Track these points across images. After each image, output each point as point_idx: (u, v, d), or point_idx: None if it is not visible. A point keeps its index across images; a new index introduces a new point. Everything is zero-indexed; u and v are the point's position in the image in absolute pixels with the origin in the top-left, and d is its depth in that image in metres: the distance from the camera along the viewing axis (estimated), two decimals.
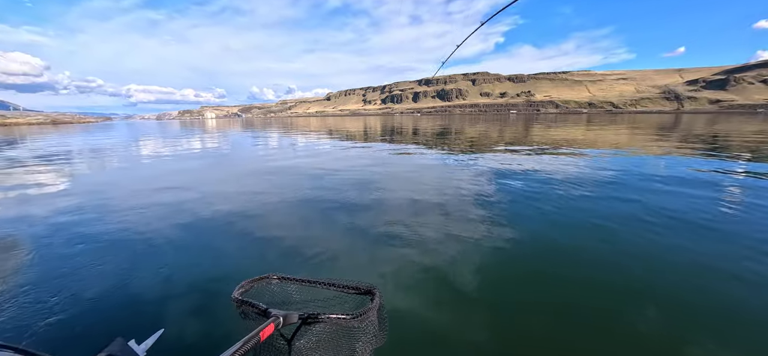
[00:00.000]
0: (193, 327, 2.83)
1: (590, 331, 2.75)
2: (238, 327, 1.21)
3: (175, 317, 2.97)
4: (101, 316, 3.05)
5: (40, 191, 8.16)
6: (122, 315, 3.06)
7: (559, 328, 2.79)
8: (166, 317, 2.97)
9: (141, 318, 3.00)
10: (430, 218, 5.42)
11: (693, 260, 3.85)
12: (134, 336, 1.14)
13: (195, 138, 27.24)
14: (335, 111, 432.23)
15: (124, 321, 2.97)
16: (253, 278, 1.38)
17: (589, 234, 4.68)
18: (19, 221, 5.77)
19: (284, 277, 1.39)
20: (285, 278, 1.39)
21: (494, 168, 9.91)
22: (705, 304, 3.06)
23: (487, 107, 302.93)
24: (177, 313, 3.03)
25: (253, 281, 1.37)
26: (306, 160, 12.62)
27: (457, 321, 2.87)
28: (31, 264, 4.09)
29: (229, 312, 2.79)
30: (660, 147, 14.65)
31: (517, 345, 2.62)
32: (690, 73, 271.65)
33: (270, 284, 1.39)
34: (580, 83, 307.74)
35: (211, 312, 3.05)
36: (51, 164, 12.89)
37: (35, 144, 23.82)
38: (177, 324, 2.87)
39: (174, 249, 4.42)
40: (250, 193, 7.46)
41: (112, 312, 3.10)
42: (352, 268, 3.86)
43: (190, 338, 2.69)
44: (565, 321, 2.88)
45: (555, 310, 3.02)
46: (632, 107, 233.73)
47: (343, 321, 1.13)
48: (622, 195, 6.58)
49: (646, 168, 9.56)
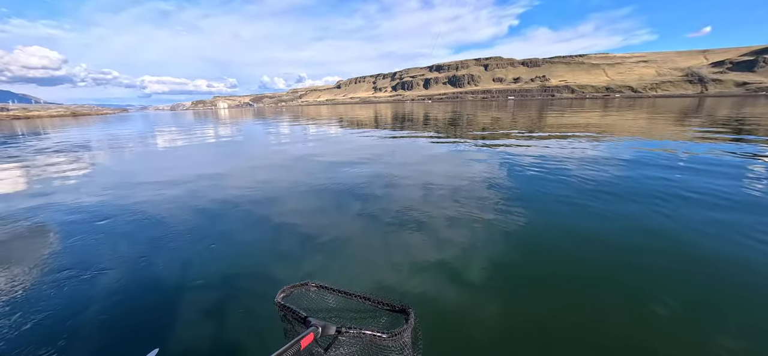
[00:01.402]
0: (209, 327, 2.83)
1: (604, 315, 2.79)
2: (269, 326, 1.25)
3: (192, 317, 2.98)
4: (125, 316, 3.20)
5: (71, 181, 8.54)
6: (138, 313, 3.24)
7: (574, 311, 2.83)
8: (183, 317, 3.05)
9: (151, 314, 3.13)
10: (443, 205, 5.47)
11: (712, 247, 3.81)
12: None
13: (212, 128, 27.73)
14: (345, 99, 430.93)
15: (136, 320, 3.15)
16: (293, 284, 1.45)
17: (603, 222, 4.65)
18: (44, 209, 6.09)
19: (322, 286, 1.45)
20: (323, 287, 1.45)
21: (505, 155, 9.82)
22: (726, 292, 3.05)
23: (499, 93, 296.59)
24: (193, 312, 3.09)
25: (293, 287, 1.44)
26: (317, 149, 12.76)
27: (471, 303, 2.95)
28: (63, 248, 4.35)
29: (247, 308, 2.96)
30: (680, 133, 14.18)
31: (531, 327, 2.68)
32: (715, 55, 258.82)
33: (308, 291, 1.46)
34: (597, 67, 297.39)
35: (229, 307, 3.16)
36: (95, 152, 13.40)
37: (62, 136, 24.71)
38: (191, 327, 2.93)
39: (197, 239, 4.61)
40: (267, 181, 7.63)
41: (129, 309, 3.27)
42: (367, 253, 3.95)
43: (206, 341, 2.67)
44: (580, 303, 2.92)
45: (570, 293, 3.06)
46: (652, 91, 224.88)
47: (378, 338, 1.16)
48: (637, 184, 6.46)
49: (661, 154, 9.31)
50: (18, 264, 3.98)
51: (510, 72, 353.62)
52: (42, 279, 3.62)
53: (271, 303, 1.30)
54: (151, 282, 3.51)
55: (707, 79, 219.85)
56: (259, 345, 2.59)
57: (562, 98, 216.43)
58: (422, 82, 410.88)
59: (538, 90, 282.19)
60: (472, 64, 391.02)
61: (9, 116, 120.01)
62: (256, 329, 2.74)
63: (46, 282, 3.55)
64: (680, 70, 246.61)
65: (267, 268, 3.72)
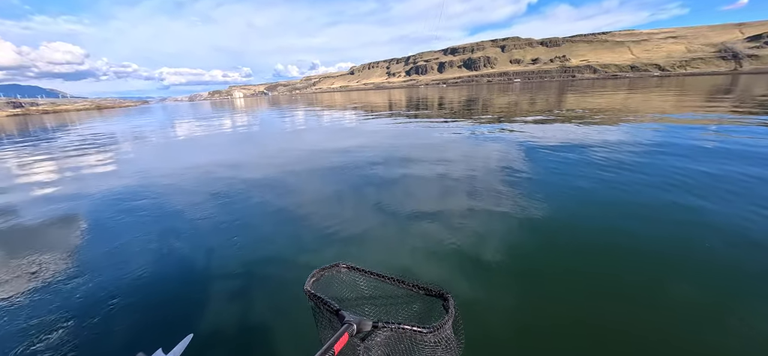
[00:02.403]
0: (233, 317, 2.91)
1: (620, 304, 2.78)
2: (298, 307, 1.21)
3: (221, 304, 3.08)
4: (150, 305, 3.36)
5: (103, 172, 8.99)
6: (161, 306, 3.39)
7: (591, 298, 2.84)
8: (213, 304, 3.15)
9: (180, 306, 3.24)
10: (458, 193, 5.47)
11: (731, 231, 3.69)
12: (161, 344, 1.12)
13: (229, 117, 28.29)
14: (359, 85, 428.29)
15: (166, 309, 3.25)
16: (323, 267, 1.38)
17: (620, 209, 4.56)
18: (75, 198, 6.46)
19: (353, 267, 1.39)
20: (353, 268, 1.39)
21: (520, 140, 9.63)
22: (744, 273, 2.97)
23: (516, 75, 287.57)
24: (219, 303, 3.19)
25: (323, 270, 1.37)
26: (332, 136, 12.87)
27: (486, 289, 2.99)
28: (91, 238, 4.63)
29: (274, 292, 3.09)
30: (710, 112, 13.49)
31: (547, 314, 2.70)
32: (752, 28, 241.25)
33: (339, 273, 1.40)
34: (621, 44, 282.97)
35: (255, 293, 3.30)
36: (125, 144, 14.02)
37: (90, 130, 25.81)
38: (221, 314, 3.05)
39: (223, 230, 4.81)
40: (285, 169, 7.80)
41: (152, 298, 3.39)
42: (387, 240, 4.02)
43: (231, 331, 2.73)
44: (597, 291, 2.92)
45: (587, 281, 3.06)
46: (681, 68, 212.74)
47: (418, 334, 1.08)
48: (659, 168, 6.25)
49: (686, 137, 8.92)
50: (53, 251, 4.28)
51: (528, 53, 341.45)
52: (75, 265, 3.88)
53: (296, 285, 1.22)
54: (178, 270, 3.69)
55: (742, 55, 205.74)
56: (288, 326, 2.68)
57: (583, 78, 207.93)
58: (436, 65, 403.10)
59: (558, 71, 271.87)
60: (489, 46, 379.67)
61: (39, 111, 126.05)
62: (283, 310, 2.86)
63: (79, 267, 3.81)
64: (712, 45, 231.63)
65: (289, 252, 3.85)
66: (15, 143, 17.93)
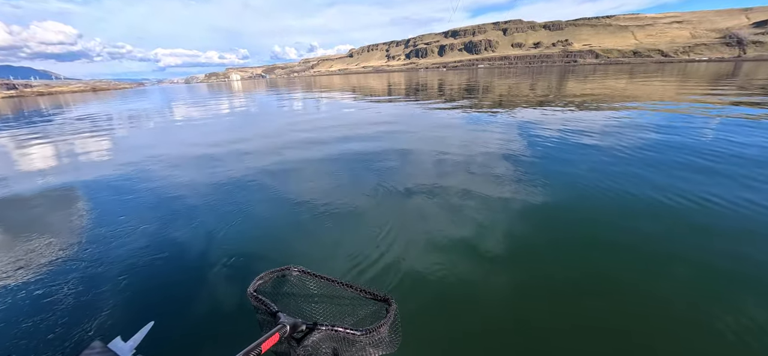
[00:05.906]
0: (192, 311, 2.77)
1: (618, 293, 2.84)
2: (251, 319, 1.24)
3: (188, 293, 2.98)
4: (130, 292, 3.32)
5: (104, 155, 8.97)
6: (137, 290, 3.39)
7: (586, 286, 2.89)
8: (179, 292, 3.05)
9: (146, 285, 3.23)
10: (456, 178, 5.50)
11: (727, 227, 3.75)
12: (119, 333, 1.11)
13: (226, 100, 27.94)
14: (358, 68, 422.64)
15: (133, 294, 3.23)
16: (274, 269, 1.41)
17: (620, 198, 4.61)
18: (71, 181, 6.47)
19: (305, 271, 1.42)
20: (305, 272, 1.42)
21: (519, 126, 9.62)
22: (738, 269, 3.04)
23: (517, 60, 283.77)
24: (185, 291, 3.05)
25: (273, 272, 1.40)
26: (330, 120, 12.78)
27: (482, 280, 3.03)
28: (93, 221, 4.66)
29: (247, 282, 3.02)
30: (710, 100, 13.41)
31: (544, 304, 2.73)
32: (758, 13, 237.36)
33: (291, 276, 1.43)
34: (625, 29, 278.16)
35: (227, 284, 3.34)
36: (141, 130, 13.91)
37: (87, 111, 25.48)
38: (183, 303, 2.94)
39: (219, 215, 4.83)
40: (283, 152, 7.78)
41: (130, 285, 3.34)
42: (377, 226, 4.04)
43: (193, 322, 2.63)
44: (593, 280, 2.98)
45: (583, 269, 3.11)
46: (684, 54, 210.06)
47: (351, 335, 1.12)
48: (658, 157, 6.28)
49: (688, 126, 8.92)
50: (42, 235, 4.26)
51: (530, 37, 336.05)
52: (64, 250, 3.85)
53: None
54: (144, 257, 3.58)
55: (746, 41, 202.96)
56: (251, 319, 2.71)
57: (585, 63, 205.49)
58: (437, 49, 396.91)
59: (559, 56, 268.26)
60: (490, 29, 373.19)
61: (33, 92, 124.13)
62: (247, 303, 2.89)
63: (64, 252, 3.81)
64: (717, 31, 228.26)
65: (280, 242, 3.88)
66: (9, 125, 17.76)
